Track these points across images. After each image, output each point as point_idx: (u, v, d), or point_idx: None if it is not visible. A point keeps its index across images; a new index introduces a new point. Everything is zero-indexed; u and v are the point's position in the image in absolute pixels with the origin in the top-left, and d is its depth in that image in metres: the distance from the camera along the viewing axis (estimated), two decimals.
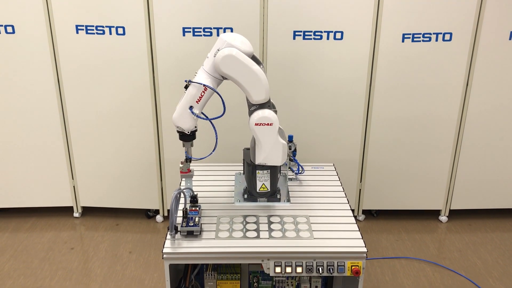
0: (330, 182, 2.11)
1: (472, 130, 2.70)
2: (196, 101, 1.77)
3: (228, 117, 2.62)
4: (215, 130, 1.83)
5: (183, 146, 1.88)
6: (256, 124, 1.76)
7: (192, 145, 1.89)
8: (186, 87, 1.78)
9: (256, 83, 1.73)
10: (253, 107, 1.78)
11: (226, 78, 1.77)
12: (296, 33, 2.49)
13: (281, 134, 1.82)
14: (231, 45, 1.73)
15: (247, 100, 1.79)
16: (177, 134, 1.85)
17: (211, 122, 1.82)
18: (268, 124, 1.76)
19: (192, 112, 1.77)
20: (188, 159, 1.90)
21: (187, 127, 1.80)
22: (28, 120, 2.69)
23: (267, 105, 1.79)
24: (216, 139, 1.84)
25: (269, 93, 1.77)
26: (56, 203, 2.89)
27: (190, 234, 1.71)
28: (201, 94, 1.76)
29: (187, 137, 1.85)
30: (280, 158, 1.82)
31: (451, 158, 2.77)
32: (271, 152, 1.80)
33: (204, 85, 1.75)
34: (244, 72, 1.73)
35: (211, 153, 1.89)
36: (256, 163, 1.83)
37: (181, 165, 1.92)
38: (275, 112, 1.78)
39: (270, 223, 1.81)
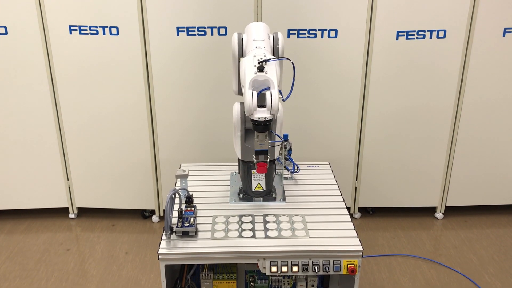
0: (326, 180, 2.11)
1: (466, 127, 2.71)
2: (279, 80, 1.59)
3: (222, 117, 2.61)
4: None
5: (262, 139, 1.57)
6: None
7: None
8: (261, 69, 1.54)
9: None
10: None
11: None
12: (291, 32, 2.49)
13: None
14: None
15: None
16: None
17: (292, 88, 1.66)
18: None
19: (280, 92, 1.54)
20: (265, 152, 1.59)
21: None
22: (23, 121, 2.67)
23: None
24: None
25: None
26: (51, 204, 2.88)
27: (185, 235, 1.71)
28: (280, 72, 1.62)
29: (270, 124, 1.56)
30: None
31: (446, 155, 2.77)
32: None
33: (284, 59, 1.67)
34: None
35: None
36: None
37: (260, 161, 1.60)
38: None
39: (265, 222, 1.80)
